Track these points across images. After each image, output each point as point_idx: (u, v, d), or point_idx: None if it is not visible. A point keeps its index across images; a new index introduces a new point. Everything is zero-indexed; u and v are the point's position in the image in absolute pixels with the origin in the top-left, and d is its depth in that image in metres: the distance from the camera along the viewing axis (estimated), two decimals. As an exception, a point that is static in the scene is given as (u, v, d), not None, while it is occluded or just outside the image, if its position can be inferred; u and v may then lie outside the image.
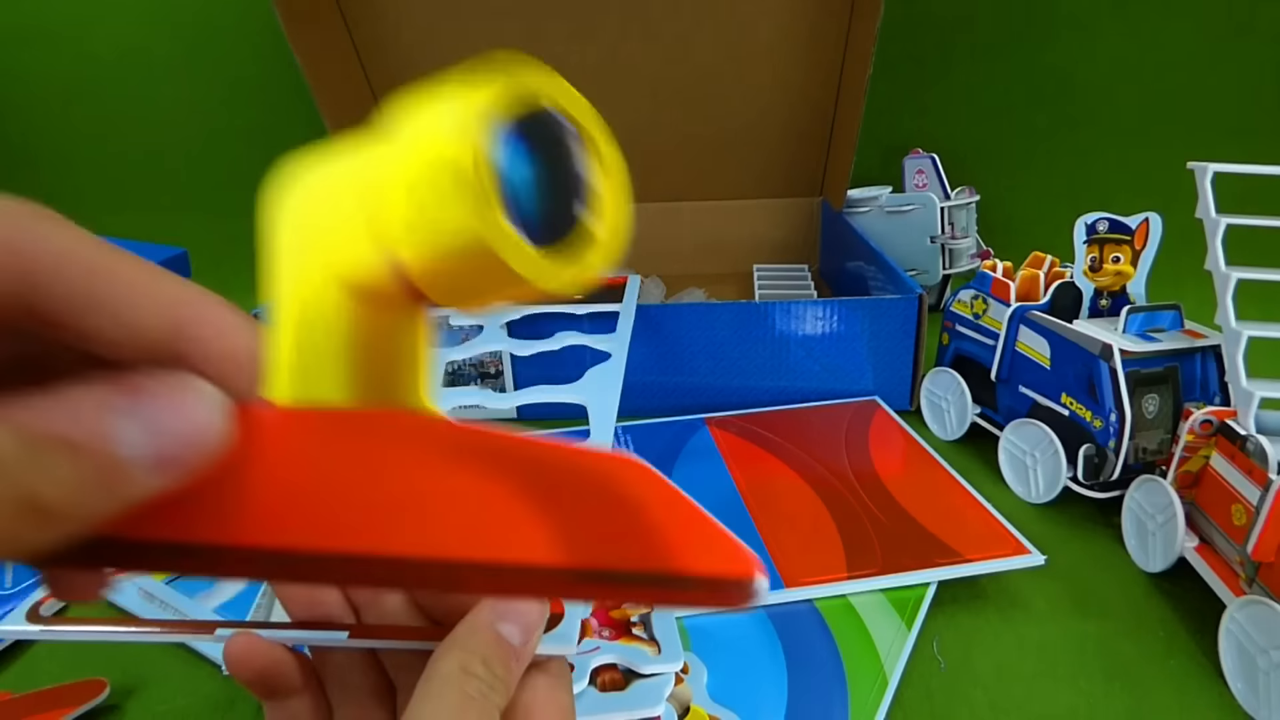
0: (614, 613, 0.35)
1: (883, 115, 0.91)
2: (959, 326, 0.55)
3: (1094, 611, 0.39)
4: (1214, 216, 0.39)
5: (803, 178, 0.90)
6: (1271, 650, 0.32)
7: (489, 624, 0.19)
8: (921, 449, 0.50)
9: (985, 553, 0.39)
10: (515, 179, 0.13)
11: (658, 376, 0.59)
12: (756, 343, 0.58)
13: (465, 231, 0.12)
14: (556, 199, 0.13)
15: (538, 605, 0.20)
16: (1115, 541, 0.44)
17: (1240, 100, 0.94)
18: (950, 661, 0.36)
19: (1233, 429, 0.37)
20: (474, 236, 0.12)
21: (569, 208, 0.13)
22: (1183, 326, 0.45)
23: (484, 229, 0.12)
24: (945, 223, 0.78)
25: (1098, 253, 0.48)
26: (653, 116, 0.85)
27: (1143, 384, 0.44)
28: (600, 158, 0.14)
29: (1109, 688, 0.34)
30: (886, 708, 0.32)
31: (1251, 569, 0.34)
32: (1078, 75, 0.95)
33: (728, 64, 0.80)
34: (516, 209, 0.12)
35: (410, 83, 0.14)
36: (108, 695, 0.35)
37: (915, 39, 0.94)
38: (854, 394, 0.59)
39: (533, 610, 0.20)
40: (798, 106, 0.83)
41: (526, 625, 0.19)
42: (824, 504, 0.45)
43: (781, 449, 0.51)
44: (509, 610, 0.19)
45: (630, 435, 0.54)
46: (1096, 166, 0.98)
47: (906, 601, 0.37)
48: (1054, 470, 0.46)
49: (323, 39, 0.75)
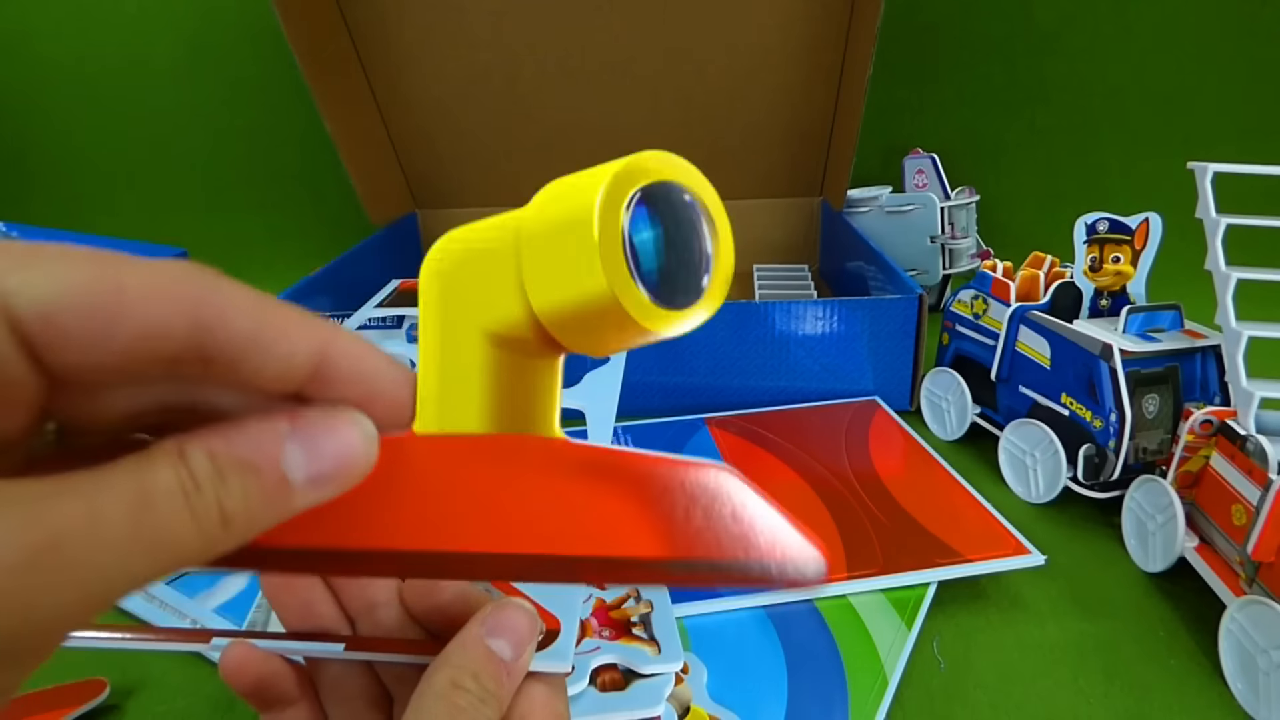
0: (614, 613, 0.35)
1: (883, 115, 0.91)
2: (959, 326, 0.55)
3: (1094, 611, 0.39)
4: (1214, 216, 0.39)
5: (803, 178, 0.90)
6: (1271, 650, 0.32)
7: (479, 639, 0.19)
8: (921, 449, 0.50)
9: (985, 553, 0.39)
10: (640, 240, 0.15)
11: (658, 376, 0.59)
12: (756, 343, 0.58)
13: (596, 285, 0.14)
14: (675, 257, 0.15)
15: (529, 620, 0.20)
16: (1115, 541, 0.44)
17: (1240, 100, 0.94)
18: (950, 661, 0.36)
19: (1233, 429, 0.37)
20: (603, 290, 0.14)
21: (687, 264, 0.16)
22: (1183, 326, 0.45)
23: (611, 282, 0.14)
24: (945, 223, 0.78)
25: (1098, 253, 0.48)
26: (653, 117, 0.85)
27: (1143, 384, 0.44)
28: (713, 224, 0.16)
29: (1109, 688, 0.34)
30: (886, 708, 0.32)
31: (1251, 569, 0.34)
32: (1078, 75, 0.95)
33: (728, 65, 0.80)
34: (638, 265, 0.14)
35: (410, 82, 0.14)
36: (108, 695, 0.34)
37: (915, 39, 0.94)
38: (854, 394, 0.59)
39: (524, 625, 0.20)
40: (798, 107, 0.83)
41: (518, 640, 0.19)
42: (824, 504, 0.45)
43: (781, 449, 0.51)
44: (500, 625, 0.19)
45: (630, 435, 0.54)
46: (1096, 166, 0.98)
47: (906, 601, 0.37)
48: (1054, 470, 0.46)
49: (322, 39, 0.75)
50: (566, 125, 0.86)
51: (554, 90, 0.83)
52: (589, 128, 0.86)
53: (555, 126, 0.86)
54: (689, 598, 0.37)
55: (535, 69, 0.81)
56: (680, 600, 0.37)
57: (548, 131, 0.86)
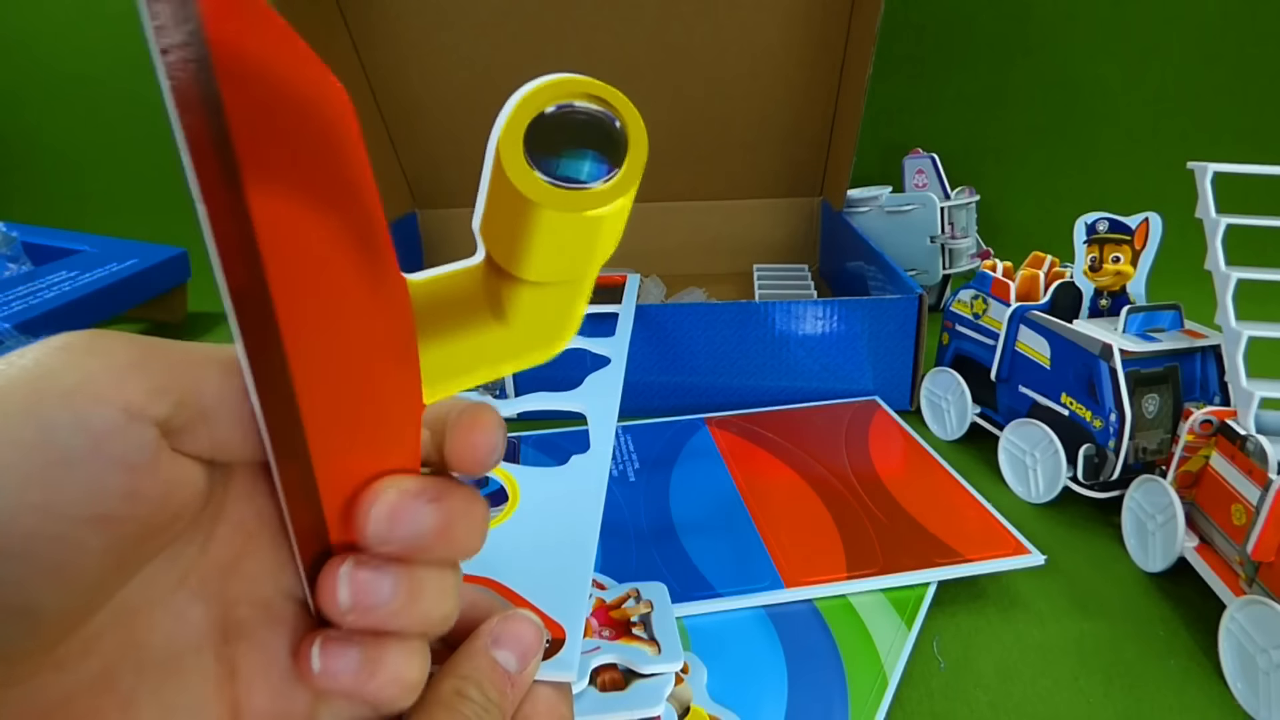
0: (614, 613, 0.35)
1: (883, 115, 0.91)
2: (959, 326, 0.55)
3: (1094, 611, 0.39)
4: (1214, 216, 0.39)
5: (803, 178, 0.90)
6: (1271, 650, 0.32)
7: (484, 650, 0.19)
8: (921, 449, 0.50)
9: (985, 553, 0.39)
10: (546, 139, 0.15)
11: (658, 376, 0.59)
12: (756, 343, 0.58)
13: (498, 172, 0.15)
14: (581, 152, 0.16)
15: (535, 632, 0.20)
16: (1115, 541, 0.44)
17: (1240, 100, 0.94)
18: (950, 661, 0.36)
19: (1233, 429, 0.37)
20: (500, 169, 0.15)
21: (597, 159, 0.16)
22: (1183, 326, 0.45)
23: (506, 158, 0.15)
24: (945, 223, 0.78)
25: (1098, 253, 0.48)
26: (653, 117, 0.84)
27: (1143, 384, 0.44)
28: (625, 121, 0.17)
29: (1109, 688, 0.34)
30: (886, 708, 0.32)
31: (1251, 569, 0.34)
32: (1078, 75, 0.95)
33: (728, 64, 0.80)
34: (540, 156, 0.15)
35: (410, 82, 0.15)
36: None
37: (915, 39, 0.94)
38: (854, 394, 0.59)
39: (530, 636, 0.20)
40: (798, 106, 0.83)
41: (524, 652, 0.20)
42: (824, 504, 0.45)
43: (781, 449, 0.51)
44: (506, 636, 0.20)
45: (630, 435, 0.54)
46: (1096, 166, 0.98)
47: (906, 601, 0.37)
48: (1054, 470, 0.46)
49: (321, 36, 0.75)
50: (566, 125, 0.86)
51: (554, 90, 0.83)
52: (589, 128, 0.86)
53: (555, 126, 0.86)
54: (689, 598, 0.37)
55: (535, 69, 0.81)
56: (680, 600, 0.37)
57: (548, 131, 0.86)
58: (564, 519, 0.28)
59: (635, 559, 0.41)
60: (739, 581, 0.38)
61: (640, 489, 0.47)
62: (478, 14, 0.77)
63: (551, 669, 0.21)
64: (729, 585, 0.38)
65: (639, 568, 0.40)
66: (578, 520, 0.27)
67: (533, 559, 0.25)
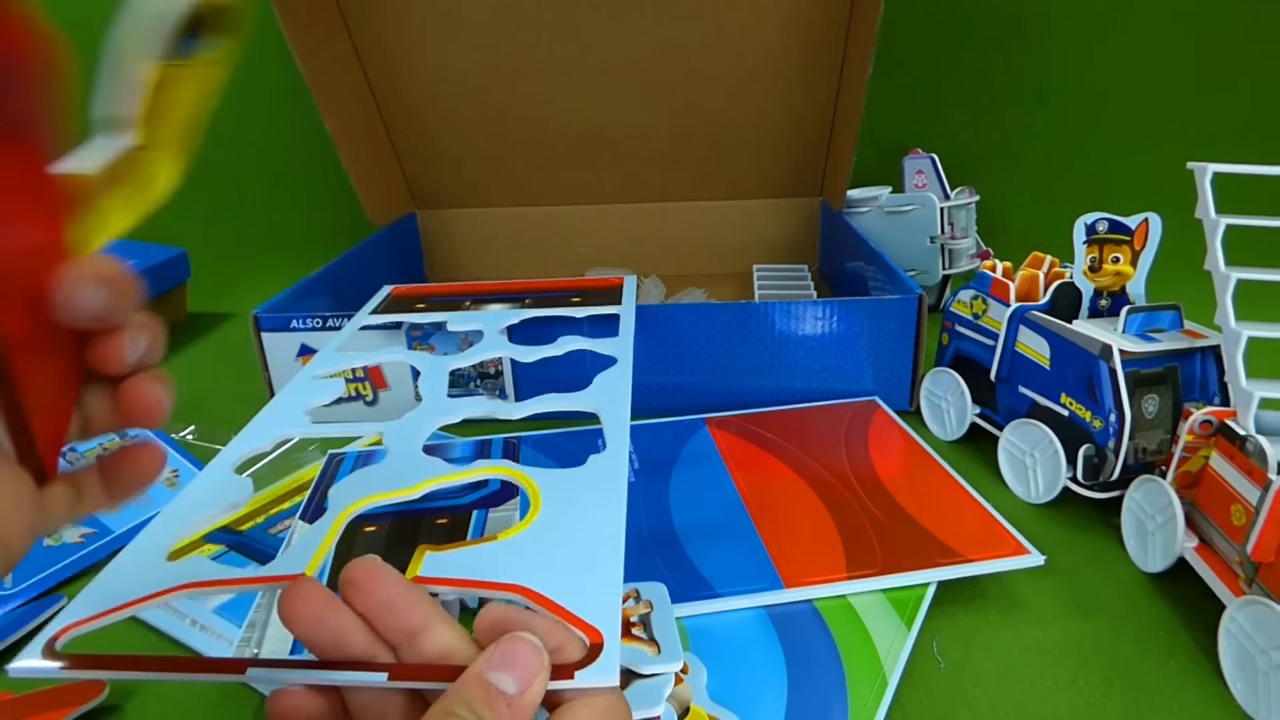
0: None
1: (883, 115, 0.91)
2: (959, 326, 0.55)
3: (1094, 611, 0.39)
4: (1214, 216, 0.39)
5: (803, 178, 0.90)
6: (1271, 650, 0.32)
7: (479, 674, 0.20)
8: (921, 449, 0.51)
9: (985, 553, 0.39)
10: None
11: (658, 376, 0.59)
12: (756, 343, 0.58)
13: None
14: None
15: (533, 652, 0.20)
16: (1115, 541, 0.44)
17: (1240, 100, 0.94)
18: (950, 661, 0.36)
19: (1232, 429, 0.37)
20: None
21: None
22: (1182, 326, 0.45)
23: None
24: (945, 223, 0.78)
25: (1097, 253, 0.48)
26: (652, 117, 0.85)
27: (1142, 384, 0.44)
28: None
29: (1109, 688, 0.34)
30: (886, 708, 0.32)
31: (1251, 569, 0.34)
32: (1078, 75, 0.95)
33: (728, 65, 0.80)
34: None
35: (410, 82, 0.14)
36: (107, 695, 0.35)
37: (915, 39, 0.94)
38: (853, 394, 0.59)
39: (529, 658, 0.20)
40: (798, 107, 0.83)
41: (524, 673, 0.20)
42: (824, 504, 0.45)
43: (781, 449, 0.51)
44: (504, 659, 0.20)
45: (630, 435, 0.54)
46: (1096, 166, 0.98)
47: (906, 601, 0.37)
48: (1054, 470, 0.46)
49: (322, 39, 0.75)
50: (566, 125, 0.86)
51: (554, 90, 0.83)
52: (589, 128, 0.86)
53: (555, 126, 0.86)
54: (689, 598, 0.37)
55: (535, 69, 0.81)
56: (680, 600, 0.37)
57: (548, 131, 0.86)
58: (589, 521, 0.27)
59: (635, 559, 0.41)
60: (739, 582, 0.38)
61: (640, 489, 0.47)
62: (477, 15, 0.77)
63: (593, 675, 0.21)
64: (729, 585, 0.38)
65: (639, 568, 0.40)
66: (603, 521, 0.27)
67: (562, 563, 0.25)
